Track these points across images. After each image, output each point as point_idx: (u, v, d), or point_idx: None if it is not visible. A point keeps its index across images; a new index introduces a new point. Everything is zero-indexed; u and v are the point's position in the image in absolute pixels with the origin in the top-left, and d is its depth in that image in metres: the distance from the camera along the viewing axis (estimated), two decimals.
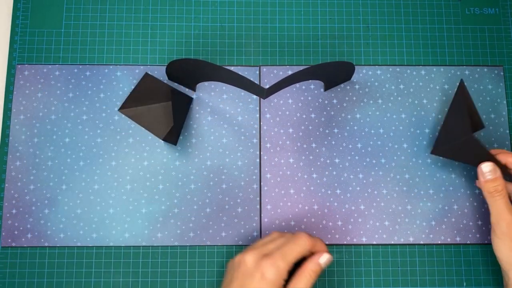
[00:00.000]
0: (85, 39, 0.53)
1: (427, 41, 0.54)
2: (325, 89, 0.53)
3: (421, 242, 0.49)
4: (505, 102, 0.53)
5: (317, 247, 0.42)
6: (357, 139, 0.52)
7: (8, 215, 0.49)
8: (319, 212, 0.50)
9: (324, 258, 0.42)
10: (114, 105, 0.52)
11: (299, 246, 0.41)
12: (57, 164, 0.50)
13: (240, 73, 0.45)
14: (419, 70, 0.53)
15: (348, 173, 0.51)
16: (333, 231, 0.50)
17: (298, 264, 0.42)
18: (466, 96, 0.46)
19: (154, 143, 0.51)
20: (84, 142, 0.51)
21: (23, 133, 0.51)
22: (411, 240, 0.49)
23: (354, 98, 0.53)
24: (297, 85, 0.53)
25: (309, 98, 0.52)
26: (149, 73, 0.49)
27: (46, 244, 0.49)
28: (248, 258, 0.40)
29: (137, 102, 0.48)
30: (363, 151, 0.51)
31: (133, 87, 0.52)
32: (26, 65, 0.52)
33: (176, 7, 0.54)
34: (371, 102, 0.52)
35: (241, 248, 0.49)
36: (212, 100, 0.52)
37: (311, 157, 0.51)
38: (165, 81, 0.50)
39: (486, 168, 0.44)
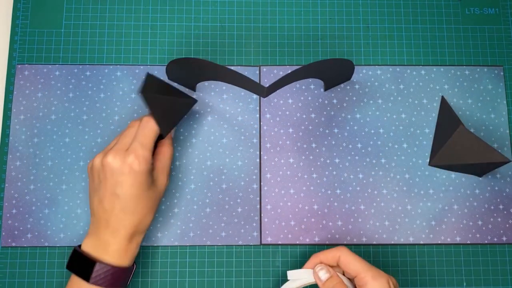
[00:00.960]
0: (85, 39, 0.53)
1: (427, 41, 0.54)
2: (325, 89, 0.53)
3: (421, 242, 0.49)
4: (505, 102, 0.53)
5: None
6: (357, 139, 0.52)
7: (8, 215, 0.49)
8: (319, 212, 0.50)
9: (323, 273, 0.43)
10: (114, 105, 0.52)
11: (150, 130, 0.43)
12: (57, 164, 0.50)
13: (240, 72, 0.45)
14: (419, 70, 0.53)
15: (348, 173, 0.51)
16: (333, 231, 0.50)
17: None
18: (450, 109, 0.49)
19: None
20: (84, 142, 0.51)
21: (23, 133, 0.51)
22: (411, 240, 0.49)
23: (354, 98, 0.53)
24: (297, 85, 0.53)
25: (309, 98, 0.52)
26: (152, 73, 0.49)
27: (46, 244, 0.49)
28: (110, 159, 0.41)
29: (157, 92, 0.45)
30: (363, 151, 0.51)
31: (133, 87, 0.52)
32: (26, 65, 0.52)
33: (176, 7, 0.54)
34: (371, 102, 0.52)
35: (241, 248, 0.49)
36: (212, 100, 0.52)
37: (311, 157, 0.51)
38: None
39: (319, 270, 0.43)
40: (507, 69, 0.53)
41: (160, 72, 0.52)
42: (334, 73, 0.50)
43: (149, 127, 0.43)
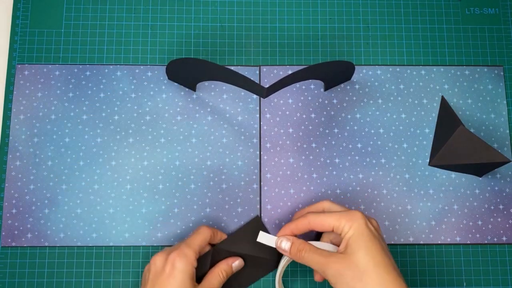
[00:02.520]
0: (85, 39, 0.53)
1: (427, 41, 0.54)
2: (325, 89, 0.53)
3: (421, 242, 0.49)
4: (505, 102, 0.53)
5: (218, 235, 0.46)
6: (357, 139, 0.52)
7: (8, 215, 0.49)
8: None
9: (235, 263, 0.45)
10: (114, 105, 0.52)
11: (200, 234, 0.44)
12: (57, 164, 0.50)
13: (240, 73, 0.45)
14: (419, 70, 0.53)
15: (348, 173, 0.51)
16: None
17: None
18: (450, 109, 0.49)
19: (154, 143, 0.51)
20: (84, 142, 0.51)
21: (23, 133, 0.51)
22: (411, 240, 0.49)
23: (354, 98, 0.53)
24: (297, 85, 0.53)
25: (309, 98, 0.52)
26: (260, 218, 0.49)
27: (46, 244, 0.49)
28: (157, 258, 0.42)
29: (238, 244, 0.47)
30: (363, 151, 0.51)
31: (133, 87, 0.52)
32: (26, 65, 0.52)
33: (176, 7, 0.54)
34: (371, 102, 0.52)
35: None
36: (212, 100, 0.52)
37: (311, 157, 0.51)
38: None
39: (280, 243, 0.43)
40: (507, 69, 0.53)
41: (160, 72, 0.52)
42: (334, 74, 0.50)
43: (200, 232, 0.44)
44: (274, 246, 0.44)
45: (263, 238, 0.44)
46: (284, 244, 0.43)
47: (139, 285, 0.48)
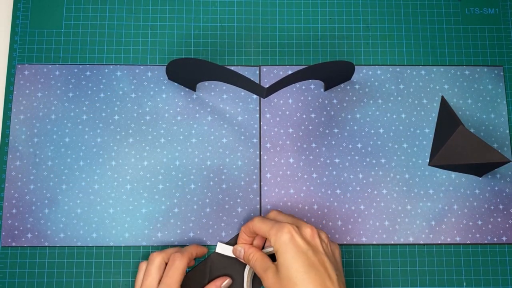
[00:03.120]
0: (85, 39, 0.53)
1: (427, 41, 0.54)
2: (325, 89, 0.53)
3: (421, 242, 0.49)
4: (505, 102, 0.53)
5: (198, 254, 0.46)
6: (357, 139, 0.52)
7: (8, 215, 0.49)
8: (319, 212, 0.50)
9: (224, 283, 0.46)
10: (114, 105, 0.52)
11: (176, 268, 0.42)
12: (57, 164, 0.50)
13: (240, 73, 0.45)
14: (419, 70, 0.53)
15: (348, 173, 0.51)
16: (333, 231, 0.50)
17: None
18: (450, 109, 0.50)
19: (154, 143, 0.51)
20: (84, 142, 0.51)
21: (23, 133, 0.51)
22: (411, 240, 0.49)
23: (354, 98, 0.53)
24: (297, 85, 0.53)
25: (309, 98, 0.52)
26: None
27: (46, 244, 0.49)
28: (156, 258, 0.42)
29: None
30: (363, 151, 0.51)
31: (133, 87, 0.52)
32: (26, 65, 0.52)
33: (176, 7, 0.54)
34: (371, 102, 0.52)
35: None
36: (212, 100, 0.52)
37: (311, 157, 0.51)
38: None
39: (235, 251, 0.45)
40: (507, 69, 0.53)
41: (160, 72, 0.52)
42: (334, 74, 0.50)
43: (176, 266, 0.42)
44: (232, 255, 0.46)
45: (221, 248, 0.47)
46: (238, 251, 0.44)
47: None
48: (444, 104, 0.51)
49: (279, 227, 0.40)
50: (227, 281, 0.46)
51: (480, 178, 0.51)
